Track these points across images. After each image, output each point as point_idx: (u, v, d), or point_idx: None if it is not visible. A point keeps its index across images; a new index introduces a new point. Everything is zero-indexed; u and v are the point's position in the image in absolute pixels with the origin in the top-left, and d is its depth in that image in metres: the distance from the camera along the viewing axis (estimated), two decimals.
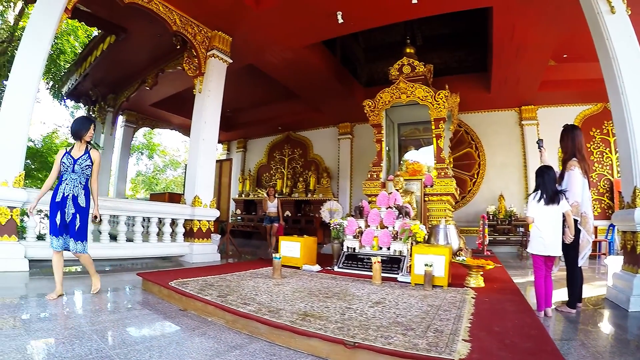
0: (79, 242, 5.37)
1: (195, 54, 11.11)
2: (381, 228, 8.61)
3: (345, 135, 19.54)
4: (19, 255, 7.01)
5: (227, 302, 4.70)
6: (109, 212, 9.00)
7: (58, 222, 5.21)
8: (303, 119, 19.79)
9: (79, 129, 5.44)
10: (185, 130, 21.81)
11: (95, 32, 15.57)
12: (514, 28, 10.19)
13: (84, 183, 5.43)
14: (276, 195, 14.25)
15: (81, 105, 19.33)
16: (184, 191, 11.58)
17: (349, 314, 4.32)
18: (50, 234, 5.27)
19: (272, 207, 13.30)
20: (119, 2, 9.27)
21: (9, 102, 7.32)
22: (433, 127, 11.61)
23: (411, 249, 7.69)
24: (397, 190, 9.79)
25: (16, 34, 14.02)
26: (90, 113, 18.69)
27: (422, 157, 13.35)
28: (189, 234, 10.39)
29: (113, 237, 9.24)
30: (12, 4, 14.52)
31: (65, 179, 5.33)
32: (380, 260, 6.85)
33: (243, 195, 21.78)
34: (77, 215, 5.33)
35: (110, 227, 9.10)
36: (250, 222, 20.23)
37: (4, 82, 13.86)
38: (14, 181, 7.05)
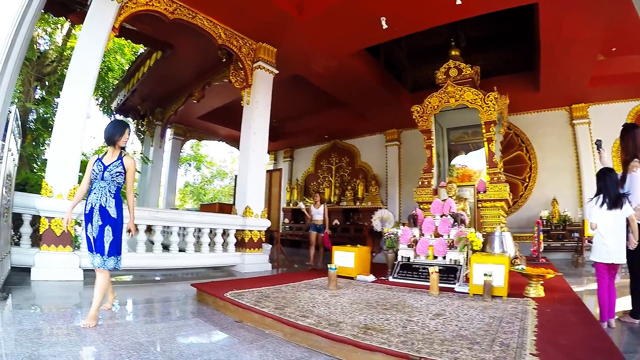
0: (112, 257, 4.70)
1: (241, 66, 11.24)
2: (435, 237, 8.45)
3: (392, 142, 19.44)
4: (74, 265, 7.20)
5: (285, 314, 4.66)
6: (161, 223, 9.17)
7: (91, 236, 4.67)
8: (349, 127, 19.81)
9: (112, 134, 4.86)
10: (232, 141, 22.18)
11: (141, 49, 15.89)
12: (561, 23, 9.88)
13: (113, 192, 4.79)
14: (323, 201, 13.46)
15: (130, 119, 19.79)
16: (234, 201, 11.65)
17: (410, 327, 4.22)
18: (88, 249, 4.76)
19: (317, 214, 12.69)
20: (164, 18, 9.50)
21: (63, 119, 7.59)
22: (484, 130, 11.36)
23: (467, 258, 7.55)
24: (450, 197, 9.60)
25: (65, 53, 14.43)
26: (139, 127, 19.20)
27: (471, 161, 13.10)
28: (241, 244, 10.46)
29: (165, 247, 9.37)
30: (59, 26, 14.97)
31: (94, 188, 4.74)
32: (437, 270, 6.69)
33: (291, 204, 21.87)
34: (108, 228, 4.70)
35: (163, 237, 9.23)
36: (298, 231, 20.29)
37: (55, 99, 14.34)
38: (69, 194, 7.25)
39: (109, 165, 4.77)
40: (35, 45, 12.78)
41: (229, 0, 9.77)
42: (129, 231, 5.05)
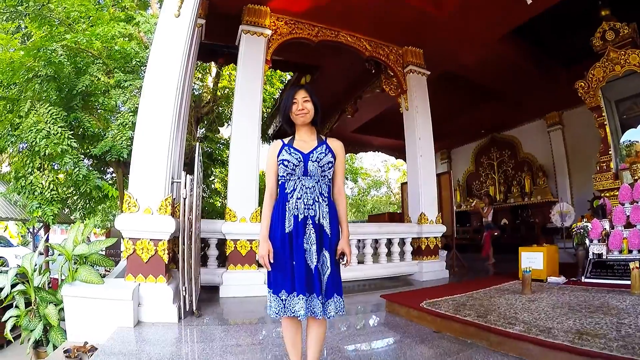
0: (335, 298, 3.02)
1: (392, 74, 11.33)
2: (626, 227, 7.76)
3: (554, 127, 17.79)
4: (259, 281, 7.64)
5: (489, 322, 4.56)
6: None
7: (294, 268, 2.94)
8: (506, 118, 18.73)
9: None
10: (388, 149, 22.28)
11: (288, 75, 16.62)
12: None
13: (326, 195, 3.09)
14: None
15: None
16: (402, 209, 11.57)
17: (625, 330, 3.96)
18: (275, 292, 2.98)
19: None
20: (310, 42, 9.93)
21: (237, 151, 8.40)
22: None
23: None
24: (636, 180, 8.76)
25: (218, 94, 15.78)
26: None
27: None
28: (417, 252, 10.36)
29: None
30: (208, 70, 16.39)
31: (295, 189, 3.03)
32: (638, 266, 6.16)
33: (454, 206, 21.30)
34: (326, 254, 3.02)
35: None
36: (465, 234, 19.29)
37: (216, 135, 16.23)
38: (251, 217, 7.97)
39: (311, 152, 3.11)
40: (192, 91, 13.98)
41: (366, 12, 9.85)
42: (342, 256, 3.18)
